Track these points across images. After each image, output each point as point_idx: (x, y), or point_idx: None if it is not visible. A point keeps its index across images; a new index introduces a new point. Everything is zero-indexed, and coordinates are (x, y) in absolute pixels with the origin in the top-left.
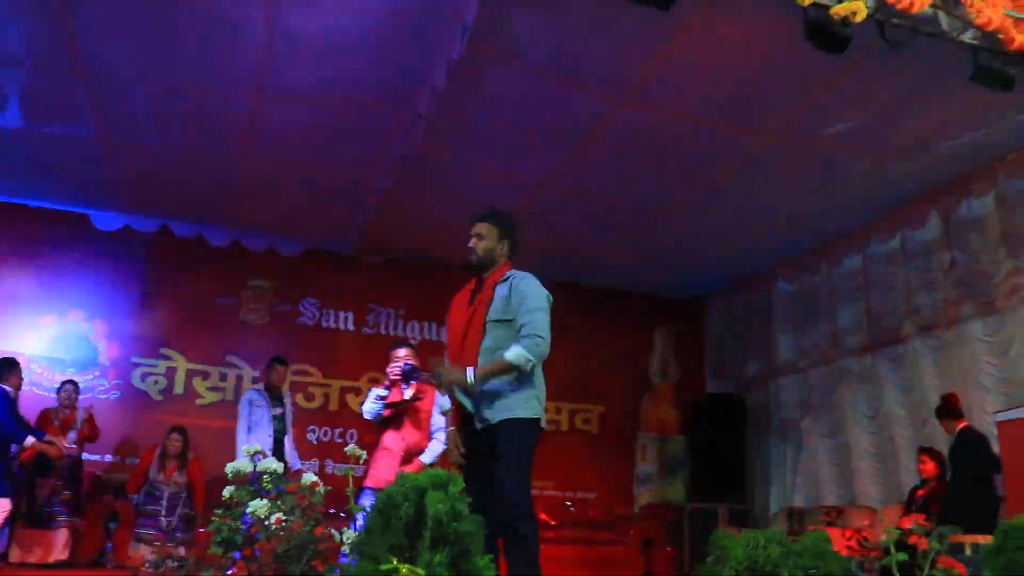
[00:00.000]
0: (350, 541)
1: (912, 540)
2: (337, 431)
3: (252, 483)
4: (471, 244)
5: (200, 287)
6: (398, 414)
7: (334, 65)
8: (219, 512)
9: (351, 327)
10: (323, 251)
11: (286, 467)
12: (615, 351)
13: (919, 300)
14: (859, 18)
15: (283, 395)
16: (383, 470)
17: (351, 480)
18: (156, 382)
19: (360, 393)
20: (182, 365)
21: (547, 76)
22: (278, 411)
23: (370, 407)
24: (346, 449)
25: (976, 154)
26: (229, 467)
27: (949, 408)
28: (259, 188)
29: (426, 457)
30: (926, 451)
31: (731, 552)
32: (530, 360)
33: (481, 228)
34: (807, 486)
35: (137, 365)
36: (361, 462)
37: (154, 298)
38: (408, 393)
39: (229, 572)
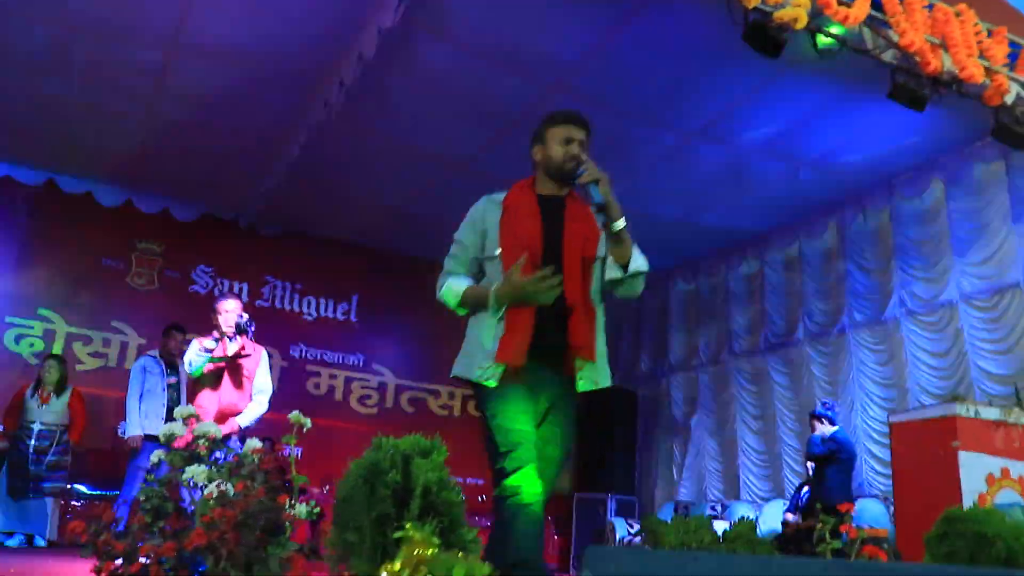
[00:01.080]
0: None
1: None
2: None
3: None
4: (575, 151)
5: (86, 247)
6: (218, 372)
7: (258, 23)
8: (150, 477)
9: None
10: (220, 218)
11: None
12: None
13: (812, 306)
14: (799, 25)
15: (178, 364)
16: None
17: (292, 448)
18: (31, 344)
19: None
20: (61, 328)
21: (480, 56)
22: (172, 380)
23: (195, 359)
24: (290, 416)
25: (875, 170)
26: (162, 430)
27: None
28: (159, 147)
29: (244, 419)
30: (815, 418)
31: (664, 537)
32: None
33: (583, 135)
34: (693, 481)
35: (11, 326)
36: (305, 430)
37: (34, 255)
38: (232, 348)
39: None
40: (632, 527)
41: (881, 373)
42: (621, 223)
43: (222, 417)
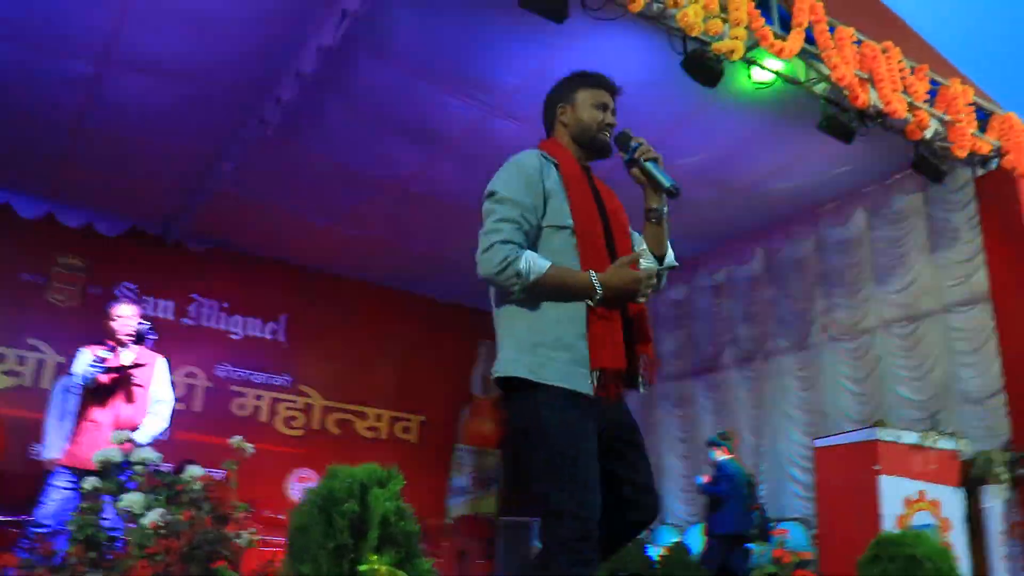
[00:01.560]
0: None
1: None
2: None
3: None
4: (612, 120)
5: (3, 261)
6: (112, 384)
7: (194, 37)
8: (83, 506)
9: (171, 317)
10: (146, 233)
11: None
12: (439, 362)
13: (739, 332)
14: (736, 56)
15: None
16: (85, 447)
17: (234, 474)
18: None
19: (176, 387)
20: None
21: (421, 76)
22: None
23: (85, 370)
24: (231, 440)
25: (802, 199)
26: (96, 456)
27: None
28: (84, 159)
29: (140, 435)
30: (712, 444)
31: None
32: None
33: (614, 105)
34: None
35: None
36: (247, 455)
37: None
38: (127, 358)
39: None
40: None
41: (804, 398)
42: (666, 206)
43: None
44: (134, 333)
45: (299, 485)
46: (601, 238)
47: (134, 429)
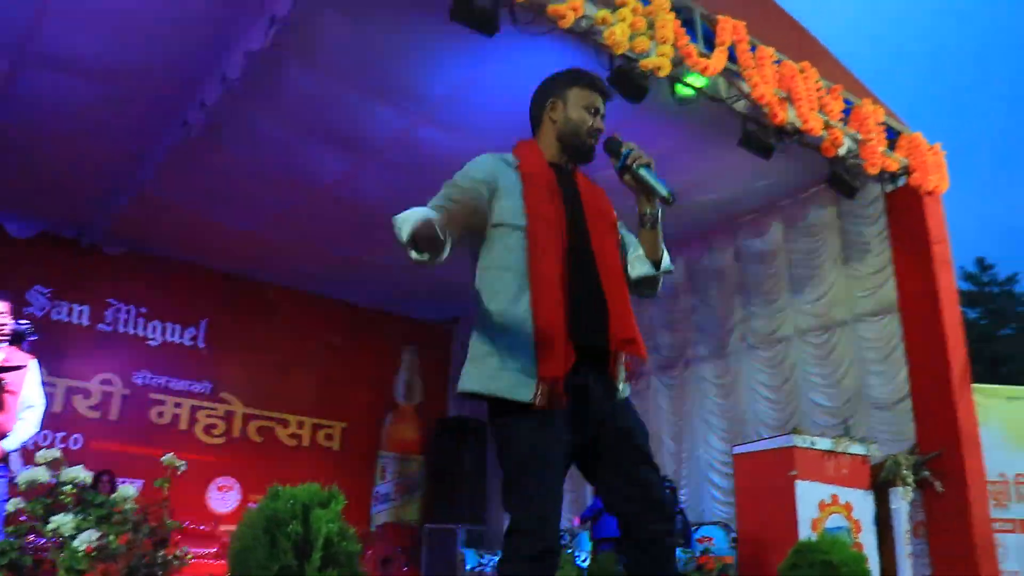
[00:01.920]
0: None
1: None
2: (60, 435)
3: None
4: (600, 125)
5: None
6: None
7: (117, 37)
8: (8, 529)
9: (85, 322)
10: (60, 236)
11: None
12: (362, 369)
13: (660, 339)
14: (663, 73)
15: None
16: None
17: (166, 492)
18: None
19: (91, 395)
20: None
21: (349, 84)
22: None
23: None
24: (163, 459)
25: (722, 211)
26: (22, 477)
27: None
28: None
29: (10, 442)
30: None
31: None
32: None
33: (604, 110)
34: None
35: None
36: (179, 472)
37: None
38: None
39: None
40: (482, 557)
41: (722, 405)
42: (660, 210)
43: None
44: (9, 333)
45: (219, 494)
46: (557, 239)
47: (3, 436)
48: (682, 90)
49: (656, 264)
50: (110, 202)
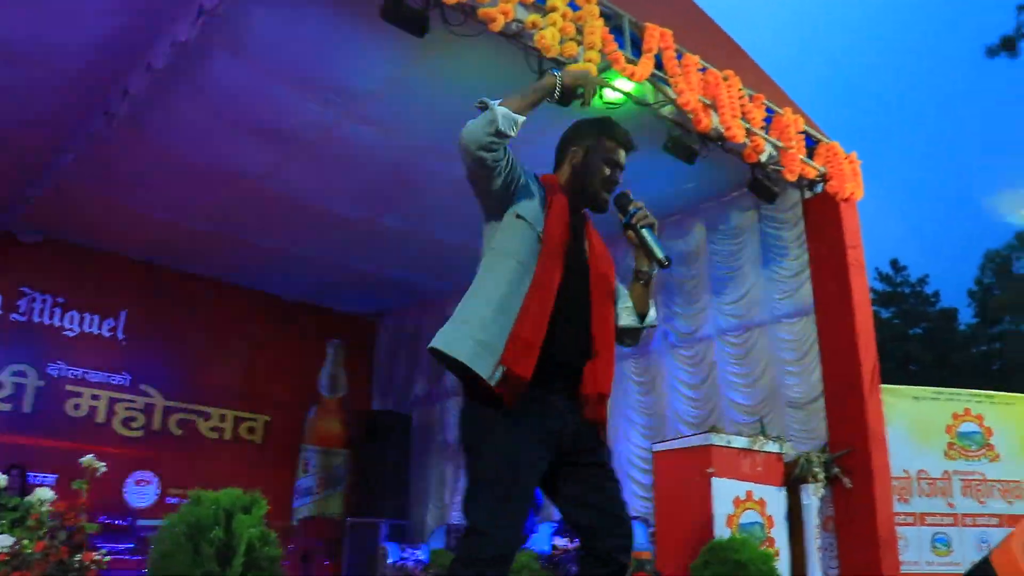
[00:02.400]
0: None
1: None
2: None
3: None
4: (618, 179)
5: None
6: None
7: (37, 21)
8: None
9: None
10: None
11: None
12: (285, 361)
13: None
14: None
15: None
16: None
17: (85, 495)
18: None
19: (3, 387)
20: None
21: (277, 77)
22: None
23: None
24: (82, 460)
25: None
26: None
27: None
28: None
29: None
30: None
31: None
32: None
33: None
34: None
35: None
36: (99, 474)
37: None
38: None
39: None
40: (405, 551)
41: (643, 402)
42: (655, 271)
43: None
44: None
45: (137, 488)
46: (560, 262)
47: None
48: (609, 94)
49: (642, 317)
50: (26, 189)
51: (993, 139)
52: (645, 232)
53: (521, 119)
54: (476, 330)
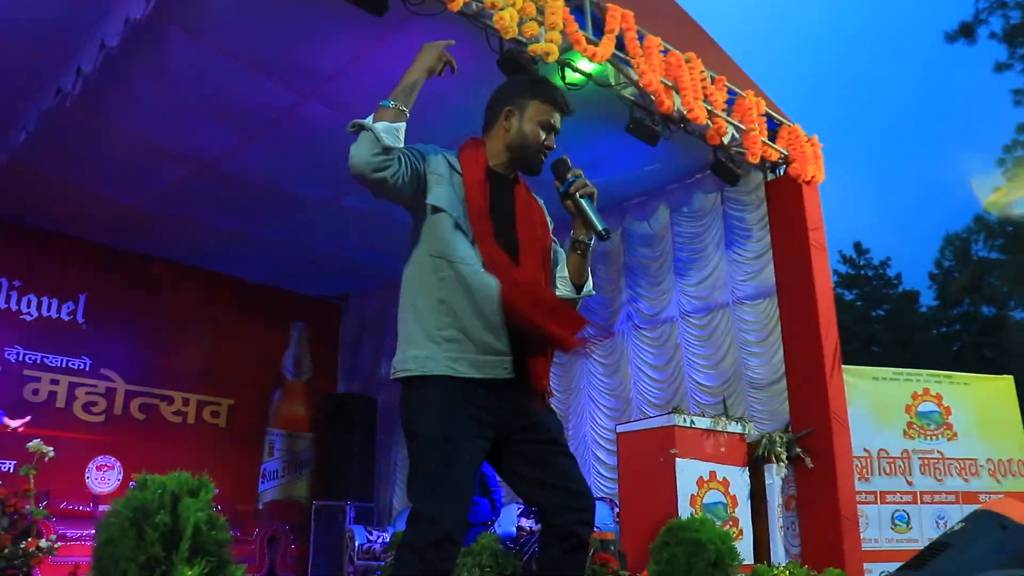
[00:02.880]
0: None
1: None
2: None
3: None
4: (551, 144)
5: None
6: None
7: None
8: None
9: None
10: None
11: None
12: (249, 344)
13: None
14: (551, 59)
15: None
16: None
17: (32, 481)
18: None
19: None
20: None
21: (232, 56)
22: None
23: None
24: (29, 445)
25: (610, 195)
26: None
27: None
28: None
29: None
30: None
31: None
32: None
33: (559, 126)
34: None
35: None
36: (47, 459)
37: None
38: None
39: None
40: (371, 534)
41: (608, 384)
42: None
43: None
44: None
45: (99, 473)
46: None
47: None
48: (571, 75)
49: (579, 288)
50: None
51: (960, 124)
52: (584, 202)
53: (402, 125)
54: (416, 348)
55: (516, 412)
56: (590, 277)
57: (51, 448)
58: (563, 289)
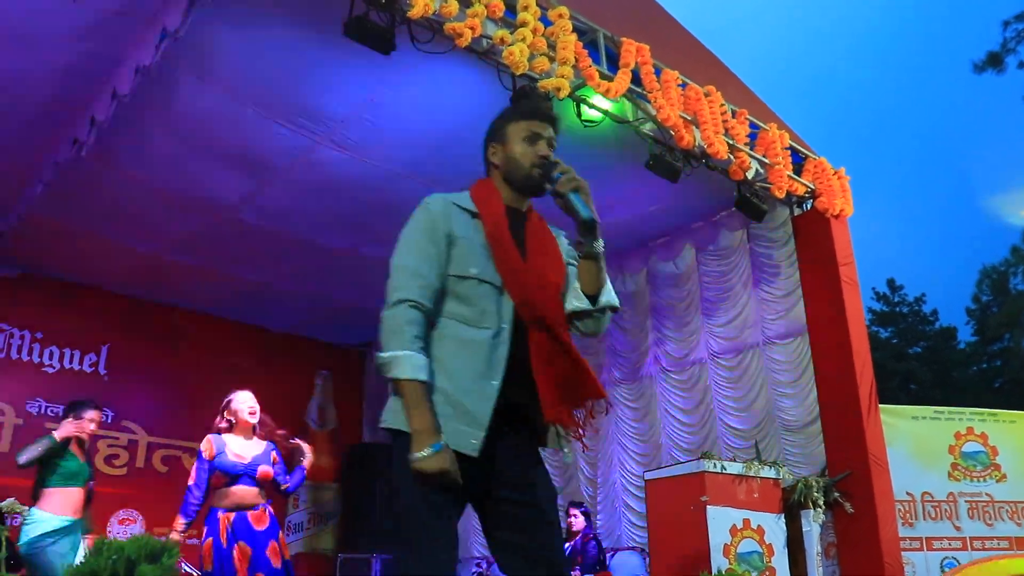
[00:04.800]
0: None
1: None
2: None
3: None
4: (544, 151)
5: None
6: None
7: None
8: None
9: None
10: None
11: None
12: (273, 395)
13: None
14: (563, 95)
15: None
16: None
17: (3, 542)
18: None
19: None
20: None
21: (245, 101)
22: None
23: None
24: (1, 505)
25: (634, 234)
26: None
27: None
28: None
29: None
30: (576, 506)
31: None
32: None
33: (551, 132)
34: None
35: None
36: (23, 518)
37: None
38: None
39: None
40: None
41: (637, 429)
42: (602, 243)
43: None
44: None
45: (121, 527)
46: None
47: None
48: (587, 112)
49: (592, 299)
50: None
51: (989, 154)
52: (571, 196)
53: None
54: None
55: (504, 467)
56: (608, 288)
57: (24, 507)
58: (573, 302)
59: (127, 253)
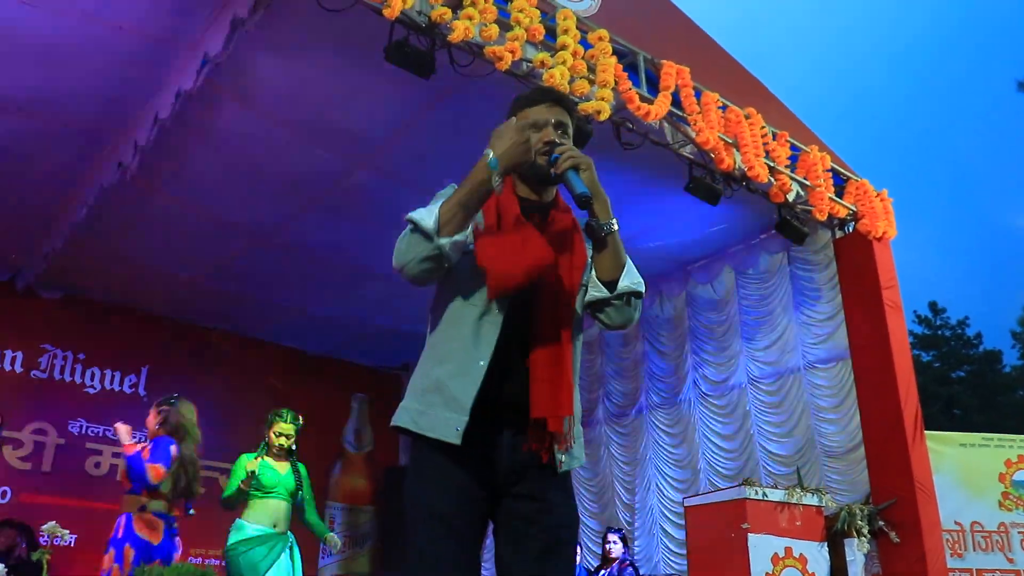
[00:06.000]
0: None
1: None
2: None
3: None
4: (551, 135)
5: None
6: None
7: (46, 73)
8: None
9: (19, 368)
10: None
11: None
12: (309, 417)
13: (611, 387)
14: (603, 117)
15: None
16: None
17: (46, 565)
18: None
19: (23, 445)
20: None
21: (285, 125)
22: None
23: None
24: (44, 528)
25: (672, 257)
26: None
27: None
28: None
29: None
30: (614, 531)
31: None
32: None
33: (564, 116)
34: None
35: None
36: (66, 540)
37: None
38: None
39: None
40: None
41: (675, 454)
42: (615, 223)
43: None
44: None
45: None
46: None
47: None
48: (626, 135)
49: (610, 285)
50: (43, 245)
51: None
52: (569, 175)
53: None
54: (406, 398)
55: (510, 477)
56: (630, 271)
57: (66, 531)
58: (592, 292)
59: (167, 276)
